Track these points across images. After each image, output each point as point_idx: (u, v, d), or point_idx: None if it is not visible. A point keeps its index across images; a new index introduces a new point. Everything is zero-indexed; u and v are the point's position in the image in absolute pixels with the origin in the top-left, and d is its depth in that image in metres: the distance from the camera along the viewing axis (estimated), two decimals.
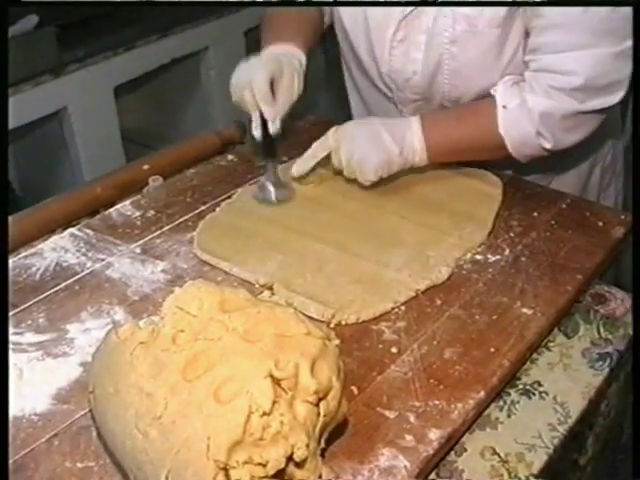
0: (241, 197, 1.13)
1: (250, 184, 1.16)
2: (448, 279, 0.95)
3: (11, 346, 0.85)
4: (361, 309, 0.90)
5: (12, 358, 0.84)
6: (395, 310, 0.90)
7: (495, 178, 1.15)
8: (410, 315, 0.90)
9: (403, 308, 0.91)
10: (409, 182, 1.12)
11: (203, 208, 1.11)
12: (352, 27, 1.15)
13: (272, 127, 1.07)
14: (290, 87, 1.10)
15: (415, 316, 0.90)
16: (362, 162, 1.05)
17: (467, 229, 1.04)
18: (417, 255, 0.99)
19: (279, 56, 1.11)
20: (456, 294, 0.93)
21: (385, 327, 0.88)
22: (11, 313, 0.90)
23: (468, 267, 0.98)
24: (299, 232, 1.03)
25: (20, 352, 0.85)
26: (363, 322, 0.89)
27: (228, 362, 0.65)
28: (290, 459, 0.63)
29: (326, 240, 1.01)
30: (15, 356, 0.84)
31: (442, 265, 0.97)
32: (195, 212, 1.10)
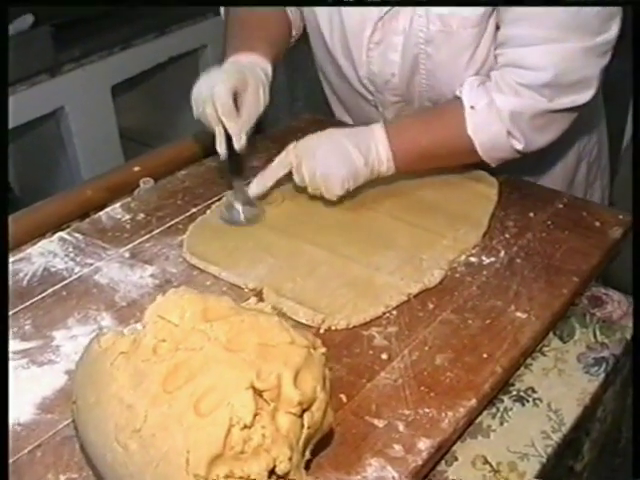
0: None
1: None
2: (441, 282, 0.93)
3: None
4: (352, 314, 0.88)
5: None
6: (386, 315, 0.88)
7: (491, 178, 1.13)
8: (402, 320, 0.88)
9: (395, 312, 0.89)
10: (402, 182, 1.10)
11: (194, 210, 1.09)
12: (328, 31, 1.12)
13: (237, 143, 1.01)
14: (255, 100, 1.04)
15: (407, 321, 0.88)
16: (326, 177, 1.01)
17: (462, 230, 1.02)
18: (410, 258, 0.97)
19: (243, 67, 1.05)
20: (449, 298, 0.91)
21: (376, 332, 0.86)
22: None
23: (462, 270, 0.96)
24: (290, 234, 1.02)
25: None
26: (354, 327, 0.87)
27: (209, 372, 0.63)
28: (273, 472, 0.61)
29: (318, 242, 1.00)
30: None
31: (435, 268, 0.95)
32: (186, 215, 1.08)
